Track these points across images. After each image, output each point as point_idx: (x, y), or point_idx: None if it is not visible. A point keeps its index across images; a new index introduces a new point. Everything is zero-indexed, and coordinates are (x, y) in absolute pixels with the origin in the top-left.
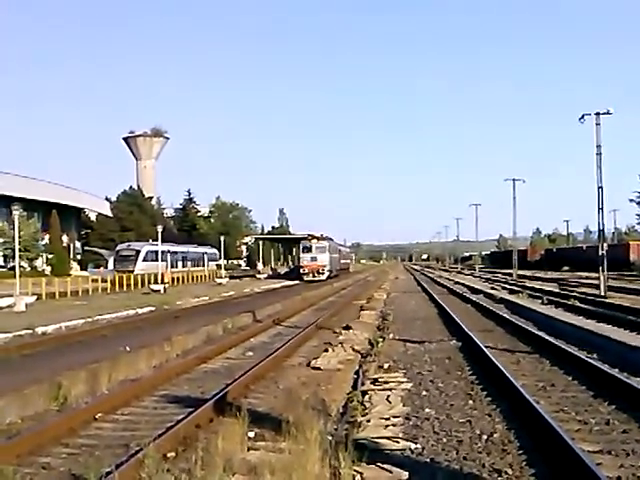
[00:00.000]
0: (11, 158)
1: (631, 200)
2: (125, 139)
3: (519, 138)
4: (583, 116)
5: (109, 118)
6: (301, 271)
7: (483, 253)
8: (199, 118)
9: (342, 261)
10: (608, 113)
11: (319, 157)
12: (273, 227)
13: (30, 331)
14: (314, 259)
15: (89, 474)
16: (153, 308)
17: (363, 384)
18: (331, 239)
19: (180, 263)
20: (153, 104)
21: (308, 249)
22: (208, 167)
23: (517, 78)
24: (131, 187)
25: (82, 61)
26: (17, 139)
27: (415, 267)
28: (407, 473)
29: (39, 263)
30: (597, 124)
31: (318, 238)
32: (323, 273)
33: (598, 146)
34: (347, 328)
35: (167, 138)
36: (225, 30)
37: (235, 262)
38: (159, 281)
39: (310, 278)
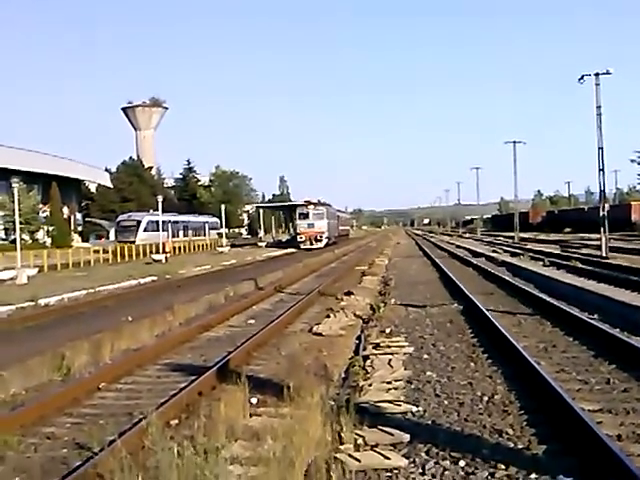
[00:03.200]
0: (9, 130)
1: (632, 160)
2: (124, 109)
3: (520, 100)
4: (583, 77)
5: (107, 89)
6: (298, 238)
7: (484, 217)
8: (197, 87)
9: (341, 227)
10: (608, 73)
11: (320, 124)
12: (274, 195)
13: (32, 303)
14: (311, 226)
15: (93, 443)
16: (155, 278)
17: (365, 349)
18: (329, 205)
19: (181, 232)
20: (151, 74)
21: (305, 215)
22: (207, 136)
23: (518, 40)
24: (131, 157)
25: (80, 32)
26: (15, 111)
27: (417, 232)
28: (408, 435)
29: (40, 235)
30: (597, 84)
31: (315, 204)
32: (321, 240)
33: (598, 107)
34: (349, 294)
35: (166, 108)
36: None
37: (236, 231)
38: (160, 251)
39: (307, 246)
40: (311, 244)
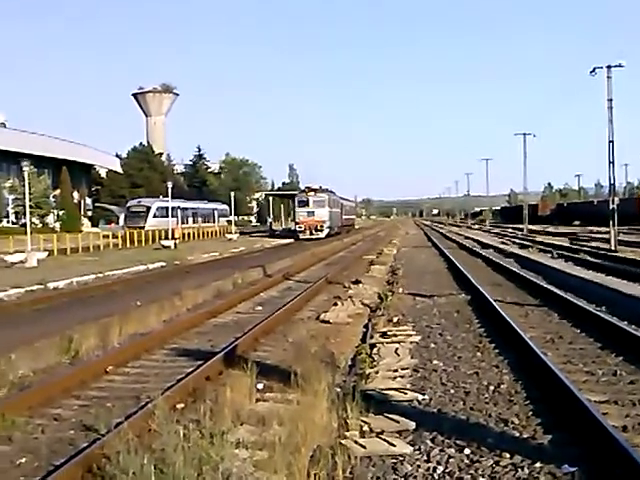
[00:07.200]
0: (20, 114)
1: None
2: (135, 95)
3: (531, 92)
4: (594, 69)
5: (119, 75)
6: (297, 228)
7: (494, 208)
8: (209, 74)
9: (345, 217)
10: (620, 66)
11: (330, 113)
12: (283, 183)
13: (42, 286)
14: (311, 214)
15: (99, 425)
16: (164, 263)
17: (372, 337)
18: (332, 191)
19: (190, 219)
20: (162, 60)
21: (304, 203)
22: (218, 123)
23: (529, 30)
24: (141, 143)
25: (91, 17)
26: (26, 95)
27: (425, 222)
28: (414, 423)
29: (50, 219)
30: (608, 77)
31: (316, 190)
32: (322, 230)
33: (609, 100)
34: (357, 282)
35: (176, 94)
36: None
37: (246, 218)
38: (170, 237)
39: (307, 236)
40: (311, 234)
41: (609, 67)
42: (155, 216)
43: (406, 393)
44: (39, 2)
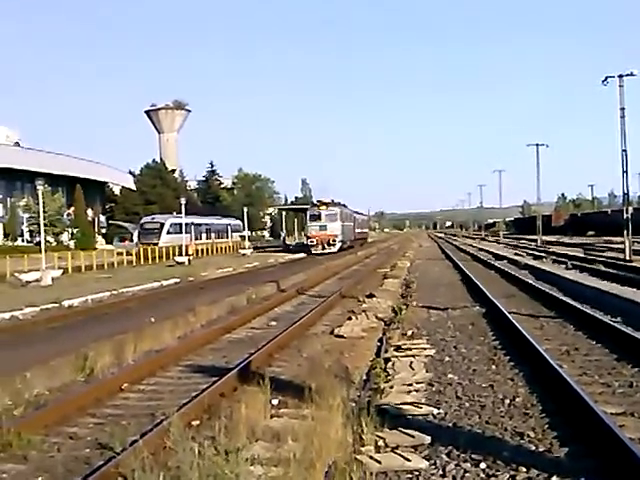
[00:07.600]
0: (34, 133)
1: None
2: (147, 112)
3: (543, 102)
4: (606, 78)
5: (131, 92)
6: (309, 242)
7: (507, 219)
8: (220, 90)
9: (358, 230)
10: (631, 75)
11: (342, 127)
12: (296, 197)
13: (57, 304)
14: (323, 228)
15: (115, 443)
16: (178, 280)
17: (386, 351)
18: (344, 205)
19: (204, 235)
20: (174, 77)
21: (316, 217)
22: (230, 139)
23: (540, 40)
24: (154, 160)
25: (103, 34)
26: (40, 114)
27: (439, 235)
28: (429, 438)
29: (65, 237)
30: (620, 86)
31: (327, 204)
32: (334, 244)
33: (622, 109)
34: (370, 296)
35: (189, 111)
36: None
37: (259, 233)
38: (183, 253)
39: (319, 250)
40: (323, 248)
41: (621, 76)
42: (169, 232)
43: (421, 407)
44: (49, 21)
